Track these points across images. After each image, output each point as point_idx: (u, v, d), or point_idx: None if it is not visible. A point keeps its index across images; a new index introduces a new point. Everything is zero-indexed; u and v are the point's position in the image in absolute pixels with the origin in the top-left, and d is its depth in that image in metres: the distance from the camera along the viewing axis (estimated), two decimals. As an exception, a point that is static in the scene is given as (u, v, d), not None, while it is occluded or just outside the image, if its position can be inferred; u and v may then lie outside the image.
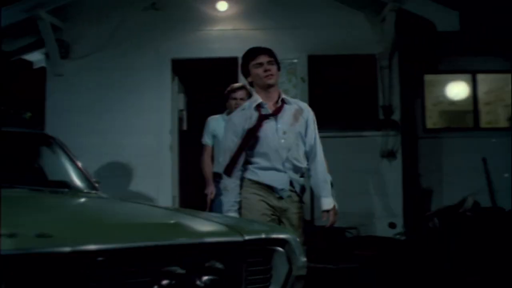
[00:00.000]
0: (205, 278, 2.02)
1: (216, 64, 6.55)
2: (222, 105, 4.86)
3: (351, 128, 6.40)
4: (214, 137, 4.73)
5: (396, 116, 6.46)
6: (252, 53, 3.28)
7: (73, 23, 6.44)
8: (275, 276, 2.29)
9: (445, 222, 6.01)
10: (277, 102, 3.21)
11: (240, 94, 4.62)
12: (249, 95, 4.51)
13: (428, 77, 7.39)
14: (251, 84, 3.33)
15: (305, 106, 3.35)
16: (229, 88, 4.74)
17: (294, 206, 3.22)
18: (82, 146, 5.29)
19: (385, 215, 6.36)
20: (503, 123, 7.63)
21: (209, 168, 4.74)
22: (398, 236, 6.05)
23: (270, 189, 3.15)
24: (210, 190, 4.72)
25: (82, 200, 2.90)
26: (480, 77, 7.45)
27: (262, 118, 3.15)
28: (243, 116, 3.21)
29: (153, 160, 6.31)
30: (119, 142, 6.25)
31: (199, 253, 2.03)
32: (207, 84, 6.94)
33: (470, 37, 6.76)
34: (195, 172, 7.60)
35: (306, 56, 6.33)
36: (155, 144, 6.38)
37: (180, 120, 6.85)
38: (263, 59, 3.20)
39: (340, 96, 6.39)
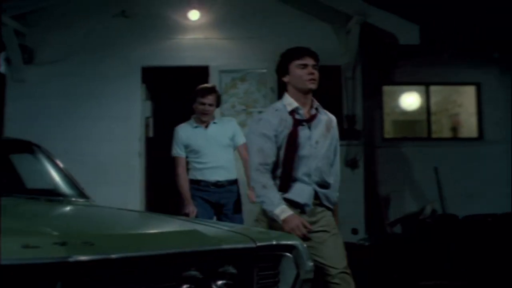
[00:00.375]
0: (220, 282, 2.12)
1: (187, 72, 6.59)
2: (190, 113, 4.84)
3: (318, 137, 6.58)
4: (187, 147, 4.31)
5: (359, 125, 6.73)
6: (298, 53, 3.01)
7: (38, 29, 6.33)
8: (284, 279, 2.40)
9: (407, 229, 6.32)
10: (311, 109, 3.02)
11: (210, 99, 4.22)
12: (218, 100, 4.34)
13: (386, 88, 7.73)
14: (284, 84, 3.08)
15: (334, 118, 3.15)
16: (198, 89, 4.32)
17: (319, 216, 2.99)
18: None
19: (348, 222, 6.57)
20: (447, 133, 8.08)
21: (186, 183, 4.26)
22: (361, 242, 6.29)
23: (292, 203, 2.93)
24: (191, 210, 4.17)
25: (86, 208, 2.91)
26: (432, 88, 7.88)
27: (297, 124, 2.95)
28: (277, 117, 2.97)
29: (122, 166, 6.31)
30: (87, 149, 6.19)
31: (216, 259, 2.13)
32: (176, 92, 6.97)
33: (426, 50, 7.14)
34: (161, 179, 7.64)
35: (276, 66, 6.45)
36: (124, 151, 6.39)
37: (146, 127, 6.85)
38: (309, 61, 2.97)
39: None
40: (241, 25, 6.55)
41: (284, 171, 2.92)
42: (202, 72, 6.47)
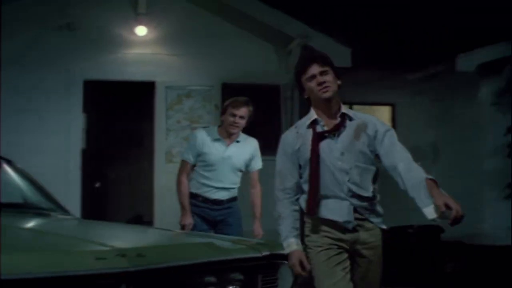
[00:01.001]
0: (230, 287, 2.36)
1: (133, 87, 6.64)
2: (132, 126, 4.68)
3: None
4: (199, 155, 3.97)
5: (297, 142, 7.10)
6: (302, 65, 2.78)
7: None
8: (282, 285, 2.66)
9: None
10: (335, 117, 2.72)
11: (242, 111, 3.95)
12: (250, 115, 4.06)
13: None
14: (308, 100, 2.82)
15: (371, 119, 2.79)
16: (231, 100, 4.08)
17: (366, 235, 2.70)
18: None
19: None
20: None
21: (186, 192, 3.97)
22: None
23: (332, 222, 2.67)
24: (188, 222, 3.91)
25: (95, 223, 3.04)
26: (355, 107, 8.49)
27: (316, 137, 2.68)
28: (294, 134, 2.78)
29: (63, 179, 6.20)
30: (27, 163, 5.93)
31: (228, 266, 2.38)
32: (121, 105, 7.00)
33: (350, 72, 7.69)
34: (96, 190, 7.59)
35: (220, 84, 6.71)
36: (65, 163, 6.33)
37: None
38: (315, 70, 2.69)
39: (251, 122, 6.85)
40: (188, 42, 6.69)
41: (311, 189, 2.66)
42: (148, 87, 6.56)
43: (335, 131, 2.70)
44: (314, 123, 2.73)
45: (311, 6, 7.03)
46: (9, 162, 3.59)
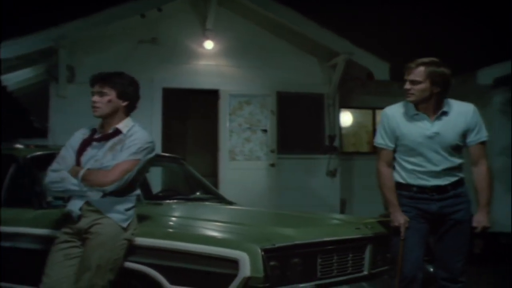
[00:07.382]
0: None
1: (200, 94, 7.54)
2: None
3: (306, 151, 7.93)
4: (397, 139, 3.20)
5: (336, 143, 8.15)
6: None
7: (78, 50, 6.97)
8: None
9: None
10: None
11: (413, 74, 3.12)
12: (435, 76, 3.10)
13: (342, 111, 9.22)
14: None
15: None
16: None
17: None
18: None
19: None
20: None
21: (391, 184, 3.22)
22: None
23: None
24: (402, 221, 3.14)
25: (256, 209, 4.26)
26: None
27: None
28: None
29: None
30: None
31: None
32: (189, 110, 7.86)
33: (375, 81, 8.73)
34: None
35: (275, 93, 7.70)
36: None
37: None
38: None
39: (299, 126, 7.88)
40: (246, 56, 7.68)
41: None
42: (213, 95, 7.48)
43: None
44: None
45: (354, 25, 8.01)
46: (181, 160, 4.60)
